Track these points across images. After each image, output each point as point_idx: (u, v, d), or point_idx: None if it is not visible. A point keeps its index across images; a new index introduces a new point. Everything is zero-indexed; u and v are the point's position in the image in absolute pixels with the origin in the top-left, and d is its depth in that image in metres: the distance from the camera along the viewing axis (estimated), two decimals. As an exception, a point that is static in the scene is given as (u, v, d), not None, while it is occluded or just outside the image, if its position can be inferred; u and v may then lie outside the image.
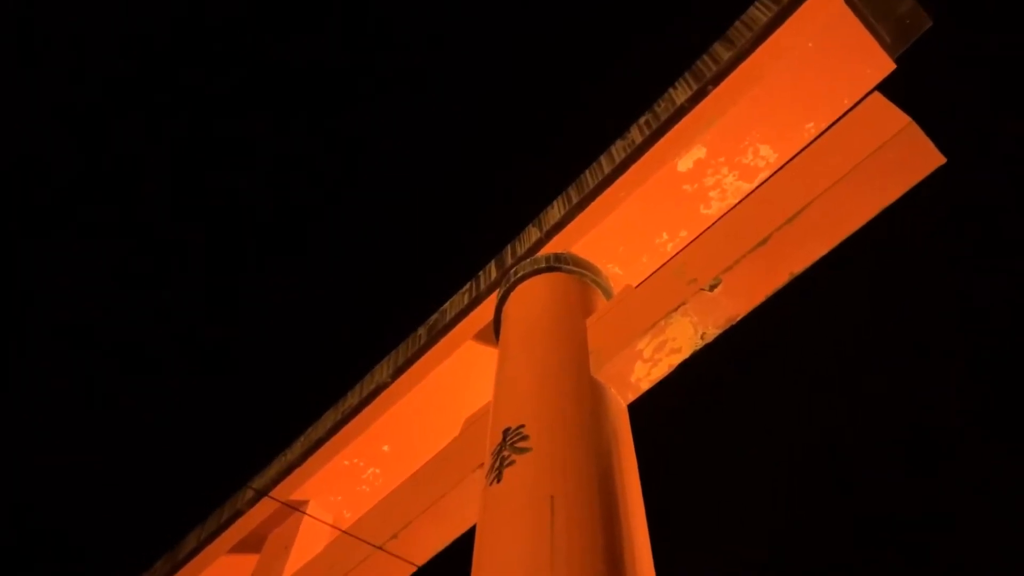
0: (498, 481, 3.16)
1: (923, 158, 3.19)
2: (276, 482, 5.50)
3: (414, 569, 3.71)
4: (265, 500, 5.45)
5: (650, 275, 4.29)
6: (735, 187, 4.35)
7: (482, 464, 3.54)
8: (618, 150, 4.64)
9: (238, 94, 9.21)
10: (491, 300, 4.85)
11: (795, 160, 3.62)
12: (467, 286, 5.30)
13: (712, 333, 3.51)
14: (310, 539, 4.97)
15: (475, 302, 5.09)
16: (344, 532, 4.01)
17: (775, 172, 4.06)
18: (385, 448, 5.14)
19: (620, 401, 3.55)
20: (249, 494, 5.62)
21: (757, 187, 4.25)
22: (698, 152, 4.27)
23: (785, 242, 3.48)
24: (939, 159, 3.15)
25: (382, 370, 5.44)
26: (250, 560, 5.36)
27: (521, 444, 3.22)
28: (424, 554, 3.76)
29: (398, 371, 5.28)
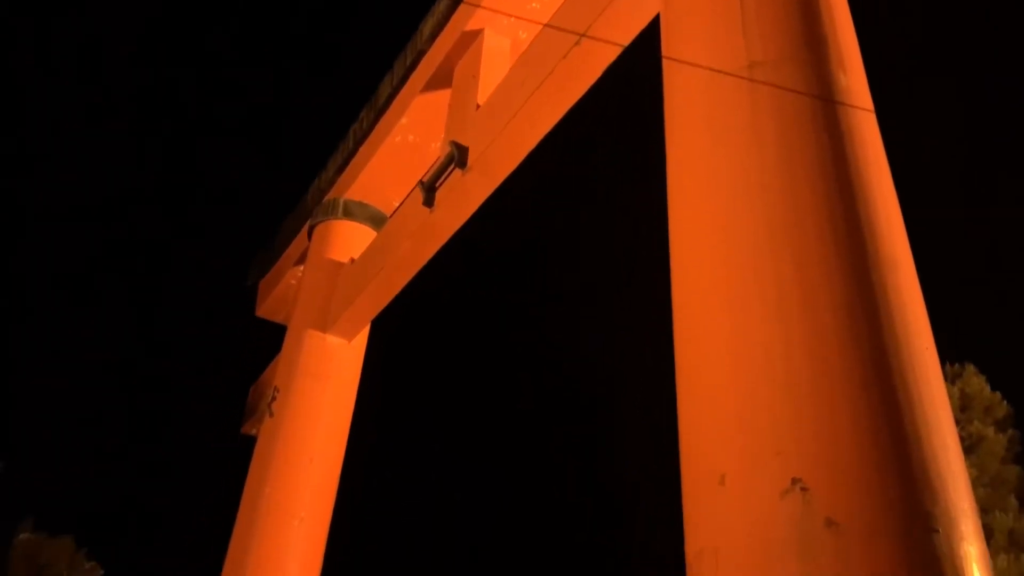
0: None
1: None
2: (447, 16, 5.52)
3: (620, 50, 3.67)
4: (443, 35, 5.55)
5: None
6: None
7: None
8: None
9: None
10: None
11: None
12: None
13: None
14: (494, 65, 5.11)
15: None
16: (547, 25, 3.97)
17: None
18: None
19: None
20: (427, 30, 5.72)
21: None
22: None
23: None
24: None
25: None
26: (443, 96, 5.65)
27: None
28: (625, 37, 3.69)
29: None
